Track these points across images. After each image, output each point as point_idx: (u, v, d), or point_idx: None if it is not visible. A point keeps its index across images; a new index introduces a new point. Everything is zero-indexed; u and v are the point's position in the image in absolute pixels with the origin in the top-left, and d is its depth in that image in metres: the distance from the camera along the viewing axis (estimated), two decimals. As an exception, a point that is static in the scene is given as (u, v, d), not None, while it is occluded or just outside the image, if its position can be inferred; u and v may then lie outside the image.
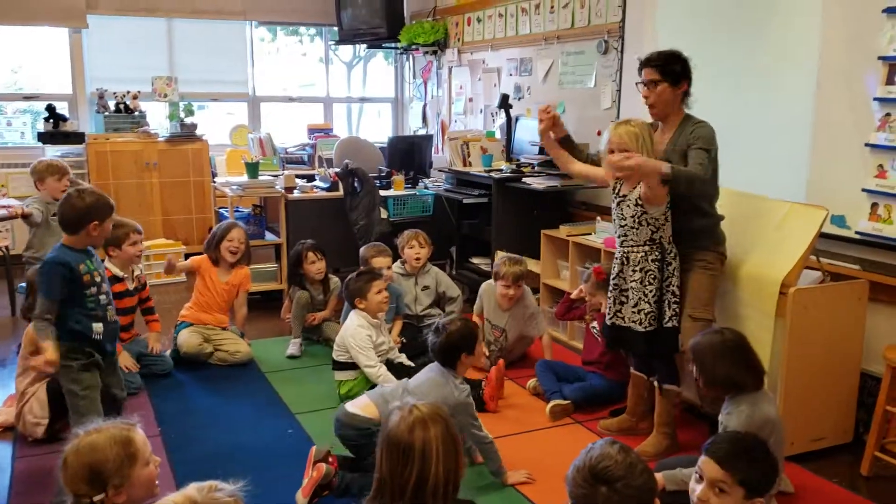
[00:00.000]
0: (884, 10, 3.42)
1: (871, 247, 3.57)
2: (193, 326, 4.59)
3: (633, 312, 3.36)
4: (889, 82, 3.41)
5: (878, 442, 3.29)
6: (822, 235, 3.46)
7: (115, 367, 3.34)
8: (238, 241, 4.73)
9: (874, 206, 3.53)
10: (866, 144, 3.52)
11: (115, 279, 4.14)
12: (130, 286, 4.30)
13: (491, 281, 4.64)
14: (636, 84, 3.48)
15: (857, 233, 3.60)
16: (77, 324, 3.05)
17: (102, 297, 3.14)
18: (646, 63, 3.42)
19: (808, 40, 3.81)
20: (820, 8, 3.75)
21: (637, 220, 3.32)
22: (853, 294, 3.46)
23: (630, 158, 3.10)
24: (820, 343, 3.37)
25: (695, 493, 2.24)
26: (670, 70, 3.38)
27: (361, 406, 3.18)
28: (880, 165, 3.49)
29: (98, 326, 3.12)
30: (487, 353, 4.36)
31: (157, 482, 2.11)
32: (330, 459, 3.04)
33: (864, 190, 3.55)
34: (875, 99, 3.48)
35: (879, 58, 3.45)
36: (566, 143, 3.71)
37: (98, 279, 3.12)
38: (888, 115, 3.43)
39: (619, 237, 3.42)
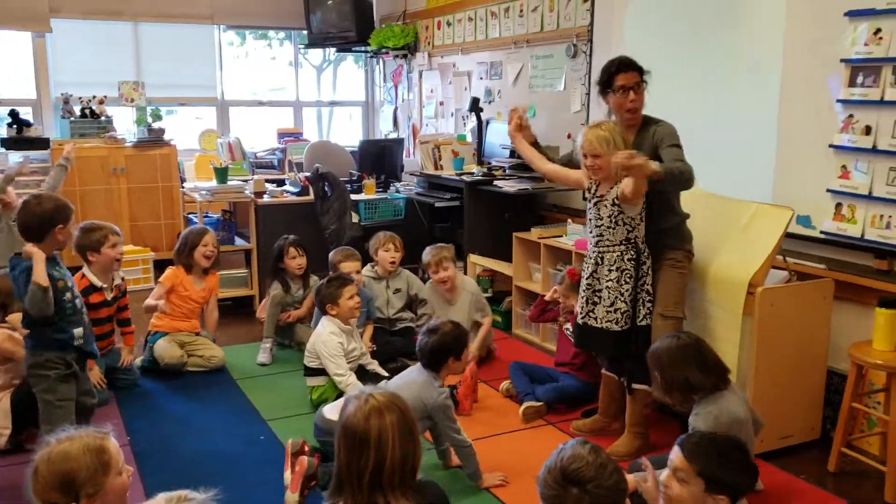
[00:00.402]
0: (845, 14, 3.48)
1: (836, 246, 3.63)
2: (169, 335, 4.53)
3: (609, 312, 3.38)
4: (851, 84, 3.47)
5: (845, 438, 3.34)
6: (788, 235, 3.51)
7: (86, 374, 3.31)
8: (213, 246, 4.70)
9: (838, 206, 3.58)
10: (830, 146, 3.58)
11: (92, 288, 4.07)
12: (109, 296, 4.20)
13: (430, 286, 4.81)
14: (610, 92, 3.38)
15: (822, 232, 3.66)
16: (60, 332, 3.02)
17: (77, 300, 3.11)
18: (626, 67, 3.37)
19: (773, 44, 3.86)
20: (784, 12, 3.81)
21: (613, 220, 3.34)
22: (819, 293, 3.51)
23: (635, 157, 3.08)
24: (787, 342, 3.42)
25: (661, 478, 2.29)
26: (642, 70, 3.39)
27: (339, 411, 3.17)
28: (844, 166, 3.54)
29: (79, 331, 3.09)
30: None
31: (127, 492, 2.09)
32: (307, 449, 3.04)
33: (828, 190, 3.61)
34: (838, 101, 3.54)
35: (842, 60, 3.51)
36: (534, 148, 3.73)
37: (70, 284, 3.09)
38: (851, 116, 3.49)
39: (593, 237, 3.43)
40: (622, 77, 3.35)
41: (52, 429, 2.83)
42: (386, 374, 4.17)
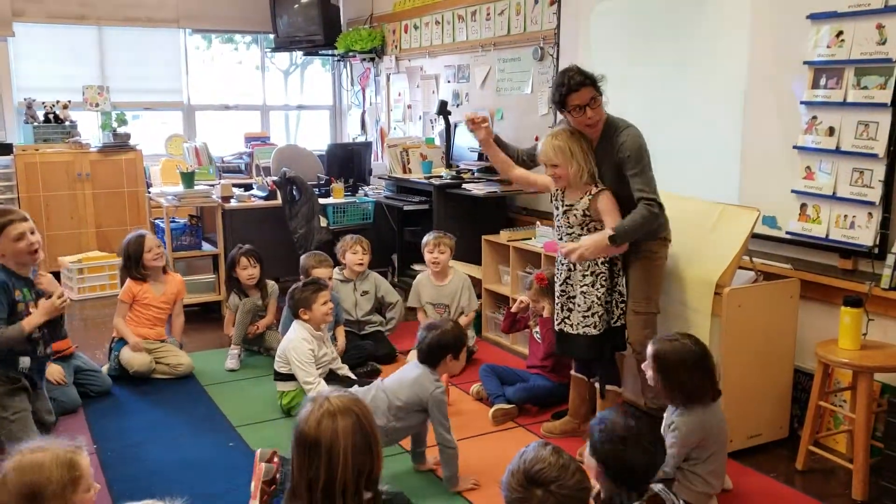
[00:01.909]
0: (808, 16, 3.53)
1: (802, 246, 3.67)
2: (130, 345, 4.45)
3: (586, 317, 3.39)
4: (815, 86, 3.52)
5: (812, 436, 3.38)
6: (754, 236, 3.55)
7: (43, 393, 3.24)
8: (157, 247, 4.59)
9: (803, 206, 3.63)
10: (794, 147, 3.62)
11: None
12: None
13: (421, 274, 4.90)
14: (567, 112, 3.29)
15: (787, 233, 3.70)
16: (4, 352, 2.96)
17: (36, 332, 3.04)
18: (578, 85, 3.20)
19: (738, 45, 3.90)
20: (748, 14, 3.85)
21: (585, 228, 3.36)
22: (785, 293, 3.55)
23: (574, 251, 3.24)
24: (754, 341, 3.45)
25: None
26: (595, 80, 3.27)
27: None
28: (808, 167, 3.59)
29: (25, 360, 3.02)
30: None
31: None
32: (275, 460, 3.01)
33: (793, 191, 3.65)
34: (802, 103, 3.58)
35: (805, 62, 3.55)
36: (496, 143, 3.66)
37: (28, 309, 3.02)
38: (814, 118, 3.54)
39: (565, 243, 3.44)
40: (575, 97, 3.22)
41: (13, 444, 2.79)
42: (355, 378, 4.17)
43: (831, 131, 3.47)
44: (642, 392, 3.62)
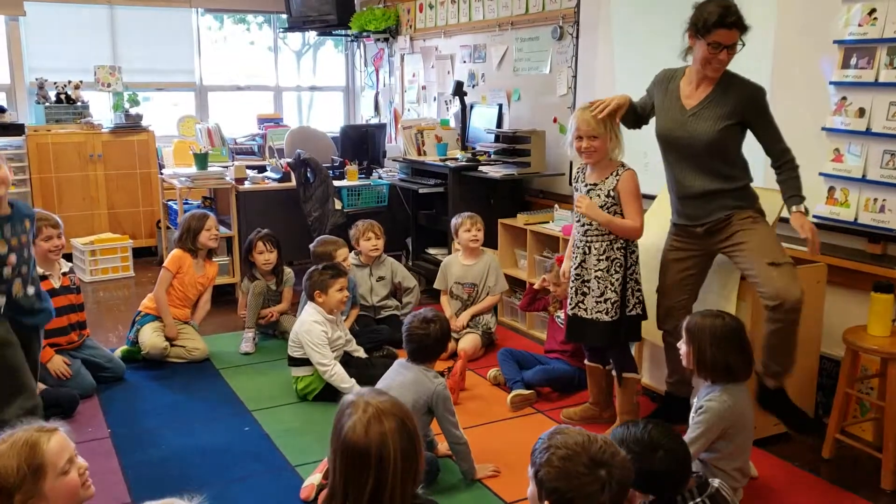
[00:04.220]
0: (840, -5, 3.43)
1: (829, 230, 3.59)
2: (157, 322, 4.42)
3: (599, 302, 3.32)
4: (845, 66, 3.42)
5: (839, 424, 3.31)
6: (781, 220, 3.46)
7: (35, 366, 3.18)
8: (216, 228, 4.66)
9: (831, 189, 3.54)
10: (823, 129, 3.53)
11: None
12: (56, 284, 3.97)
13: (448, 256, 4.89)
14: (701, 40, 3.01)
15: (814, 217, 3.60)
16: None
17: (6, 269, 2.94)
18: (731, 24, 2.96)
19: (765, 25, 3.80)
20: (775, -8, 3.75)
21: (605, 210, 3.28)
22: (812, 278, 3.47)
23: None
24: (780, 327, 3.37)
25: None
26: (746, 29, 3.03)
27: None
28: (836, 149, 3.50)
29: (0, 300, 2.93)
30: (457, 331, 4.52)
31: (87, 485, 1.97)
32: None
33: (821, 174, 3.56)
34: (831, 83, 3.49)
35: (835, 42, 3.45)
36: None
37: (4, 250, 2.92)
38: (844, 98, 3.45)
39: (581, 226, 3.37)
40: (722, 34, 2.97)
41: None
42: (370, 360, 4.15)
43: (861, 112, 3.37)
44: (669, 374, 3.55)
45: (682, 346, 2.85)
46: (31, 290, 3.09)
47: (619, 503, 1.70)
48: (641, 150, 4.34)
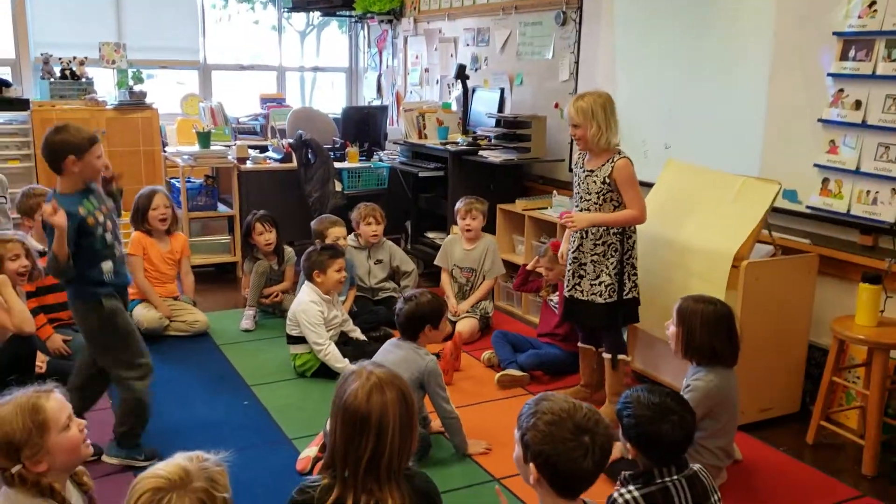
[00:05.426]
0: (839, -14, 3.46)
1: (822, 221, 3.64)
2: (146, 302, 4.49)
3: (594, 285, 3.39)
4: (843, 58, 3.46)
5: (824, 411, 3.38)
6: (773, 210, 3.51)
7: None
8: (164, 207, 4.59)
9: (825, 181, 3.59)
10: (819, 120, 3.57)
11: (42, 252, 3.76)
12: None
13: (452, 234, 4.92)
14: None
15: (807, 207, 3.67)
16: (90, 270, 2.93)
17: (108, 235, 3.00)
18: None
19: (764, 16, 3.84)
20: (776, -16, 3.78)
21: (602, 197, 3.34)
22: (803, 268, 3.53)
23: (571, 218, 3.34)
24: (770, 315, 3.44)
25: None
26: None
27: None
28: (832, 141, 3.54)
29: (108, 265, 2.99)
30: (455, 313, 4.55)
31: (86, 442, 2.06)
32: None
33: (815, 165, 3.60)
34: (829, 75, 3.53)
35: (834, 33, 3.49)
36: None
37: (101, 218, 2.98)
38: (841, 90, 3.48)
39: (579, 210, 3.43)
40: None
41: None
42: (366, 340, 4.22)
43: (858, 105, 3.41)
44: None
45: (671, 327, 2.92)
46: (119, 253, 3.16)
47: (601, 467, 1.78)
48: (640, 139, 4.42)
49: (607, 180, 3.31)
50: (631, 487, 2.16)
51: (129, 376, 3.06)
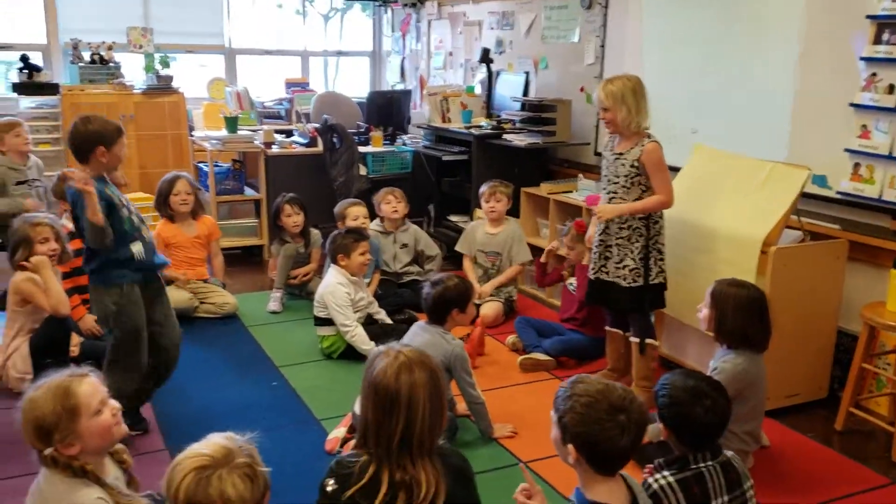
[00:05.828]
0: (873, -31, 3.41)
1: (852, 207, 3.61)
2: (174, 284, 4.52)
3: (619, 268, 3.40)
4: (877, 42, 3.41)
5: (853, 398, 3.36)
6: (803, 195, 3.49)
7: (164, 303, 3.23)
8: (185, 193, 4.64)
9: (856, 166, 3.55)
10: (851, 104, 3.53)
11: (71, 235, 3.76)
12: None
13: (475, 220, 4.96)
14: None
15: (838, 193, 3.64)
16: (120, 250, 2.95)
17: (133, 217, 3.03)
18: None
19: (794, 1, 3.79)
20: (807, -34, 3.73)
21: (630, 181, 3.34)
22: (832, 253, 3.50)
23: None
24: (799, 301, 3.42)
25: None
26: None
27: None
28: (864, 126, 3.50)
29: (137, 246, 3.01)
30: (479, 298, 4.52)
31: (119, 425, 2.06)
32: None
33: (846, 150, 3.57)
34: (861, 59, 3.48)
35: (868, 16, 3.44)
36: None
37: (124, 201, 3.02)
38: (874, 74, 3.44)
39: (607, 193, 3.44)
40: None
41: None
42: (391, 322, 4.25)
43: (891, 89, 3.37)
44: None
45: (704, 310, 2.92)
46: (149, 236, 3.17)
47: (637, 444, 1.82)
48: (668, 122, 4.39)
49: (636, 164, 3.31)
50: (665, 473, 2.18)
51: (116, 378, 2.94)
